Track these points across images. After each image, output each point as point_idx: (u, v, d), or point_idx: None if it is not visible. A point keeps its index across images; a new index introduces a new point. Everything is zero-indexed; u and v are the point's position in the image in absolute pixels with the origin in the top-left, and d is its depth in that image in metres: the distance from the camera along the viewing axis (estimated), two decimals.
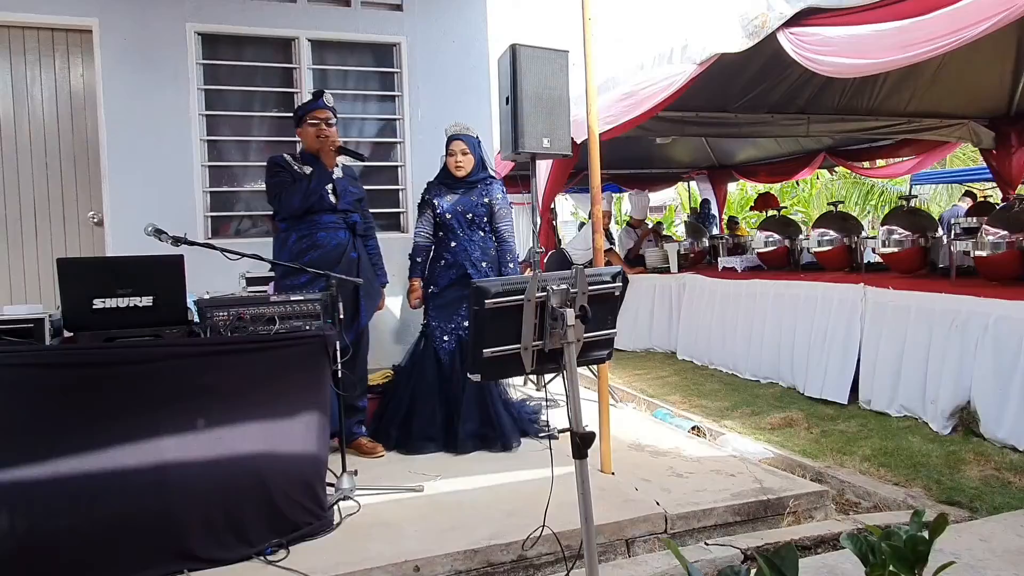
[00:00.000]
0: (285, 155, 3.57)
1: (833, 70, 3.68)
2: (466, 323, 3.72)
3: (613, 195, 12.06)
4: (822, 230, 5.46)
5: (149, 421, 2.37)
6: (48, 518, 2.24)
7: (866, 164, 9.52)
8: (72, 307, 2.55)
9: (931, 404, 3.99)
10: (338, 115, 3.70)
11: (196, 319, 2.70)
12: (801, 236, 5.91)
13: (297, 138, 4.61)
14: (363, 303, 3.52)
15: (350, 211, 3.55)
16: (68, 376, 2.32)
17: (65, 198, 4.38)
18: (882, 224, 5.01)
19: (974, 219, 4.51)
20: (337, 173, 3.55)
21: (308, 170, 3.46)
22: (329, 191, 3.46)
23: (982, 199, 9.05)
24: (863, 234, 5.34)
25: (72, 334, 2.60)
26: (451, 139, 3.82)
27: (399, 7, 4.80)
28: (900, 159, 8.74)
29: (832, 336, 4.79)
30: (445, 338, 3.74)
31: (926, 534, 1.38)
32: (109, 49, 4.24)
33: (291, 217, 3.44)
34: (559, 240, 9.09)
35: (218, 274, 3.49)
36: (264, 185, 3.64)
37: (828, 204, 5.92)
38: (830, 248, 5.35)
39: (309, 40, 4.61)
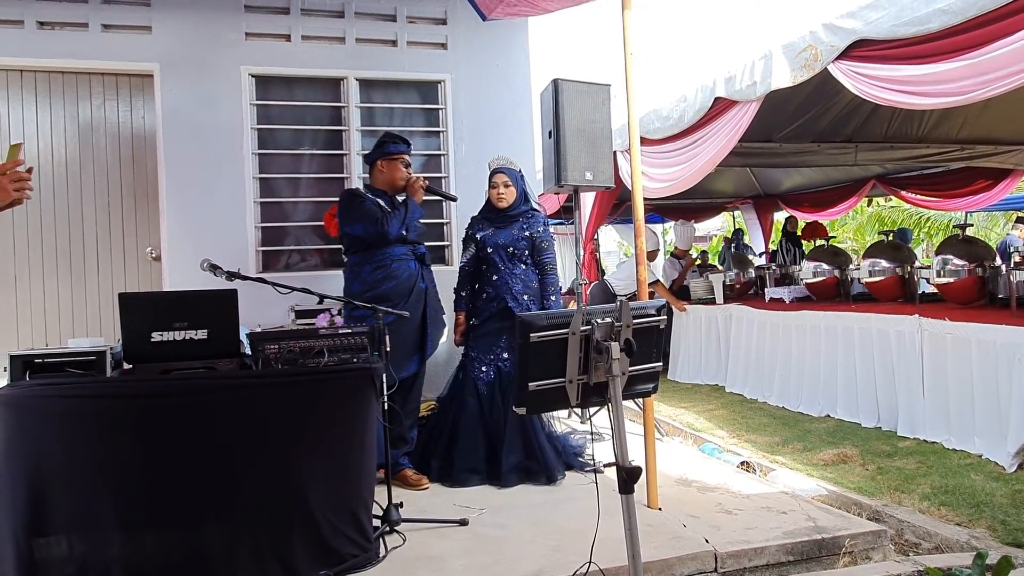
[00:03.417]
0: (359, 187, 3.71)
1: (906, 104, 3.57)
2: (505, 354, 3.74)
3: (660, 227, 12.03)
4: (873, 260, 5.35)
5: (201, 451, 2.44)
6: (104, 545, 2.31)
7: (914, 194, 9.22)
8: (132, 340, 2.64)
9: (995, 440, 3.84)
10: None
11: (248, 351, 2.78)
12: (851, 266, 5.80)
13: (344, 174, 4.77)
14: (430, 332, 3.62)
15: (418, 243, 3.66)
16: (127, 407, 2.40)
17: (125, 235, 4.57)
18: (936, 253, 4.89)
19: None
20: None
21: (380, 202, 3.60)
22: (400, 221, 3.59)
23: None
24: (916, 264, 5.21)
25: (131, 366, 2.69)
26: (494, 172, 3.88)
27: (444, 45, 4.94)
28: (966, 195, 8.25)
29: (886, 369, 4.66)
30: (483, 368, 3.76)
31: None
32: (169, 92, 4.45)
33: (363, 250, 3.56)
34: (602, 271, 9.08)
35: (269, 307, 3.60)
36: (337, 217, 3.73)
37: (879, 233, 5.79)
38: (882, 278, 5.24)
39: (357, 79, 4.77)
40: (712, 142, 4.71)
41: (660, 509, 3.11)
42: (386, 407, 2.87)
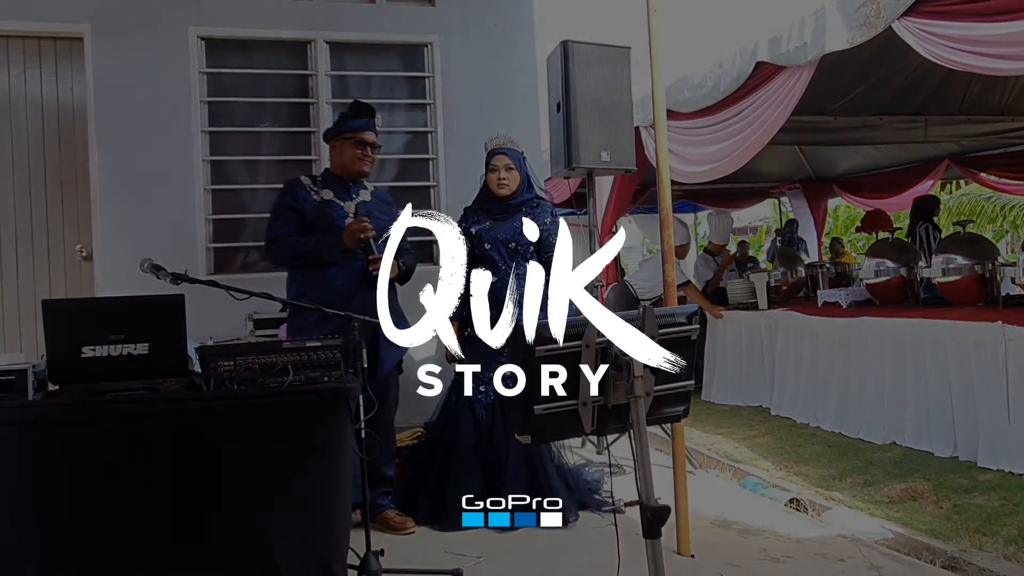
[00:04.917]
0: (303, 178, 3.63)
1: (986, 69, 3.54)
2: None
3: (691, 217, 12.03)
4: (947, 256, 5.35)
5: (140, 489, 2.43)
6: None
7: (996, 177, 9.22)
8: (59, 356, 2.64)
9: None
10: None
11: (198, 369, 2.78)
12: (921, 263, 5.80)
13: (312, 156, 4.78)
14: (382, 352, 3.51)
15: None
16: (52, 436, 2.40)
17: (50, 229, 4.57)
18: (1023, 248, 4.89)
19: None
20: (365, 196, 3.63)
21: (328, 195, 3.55)
22: (351, 214, 3.52)
23: None
24: (999, 260, 5.21)
25: (57, 387, 2.69)
26: (492, 153, 3.88)
27: (431, 1, 4.94)
28: None
29: (964, 387, 4.66)
30: (482, 388, 3.76)
31: None
32: (102, 59, 4.46)
33: None
34: (622, 271, 9.08)
35: (222, 315, 3.59)
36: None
37: (954, 224, 5.81)
38: (957, 278, 5.24)
39: (327, 42, 4.78)
40: (755, 117, 4.71)
41: (692, 556, 3.11)
42: (363, 435, 2.87)
